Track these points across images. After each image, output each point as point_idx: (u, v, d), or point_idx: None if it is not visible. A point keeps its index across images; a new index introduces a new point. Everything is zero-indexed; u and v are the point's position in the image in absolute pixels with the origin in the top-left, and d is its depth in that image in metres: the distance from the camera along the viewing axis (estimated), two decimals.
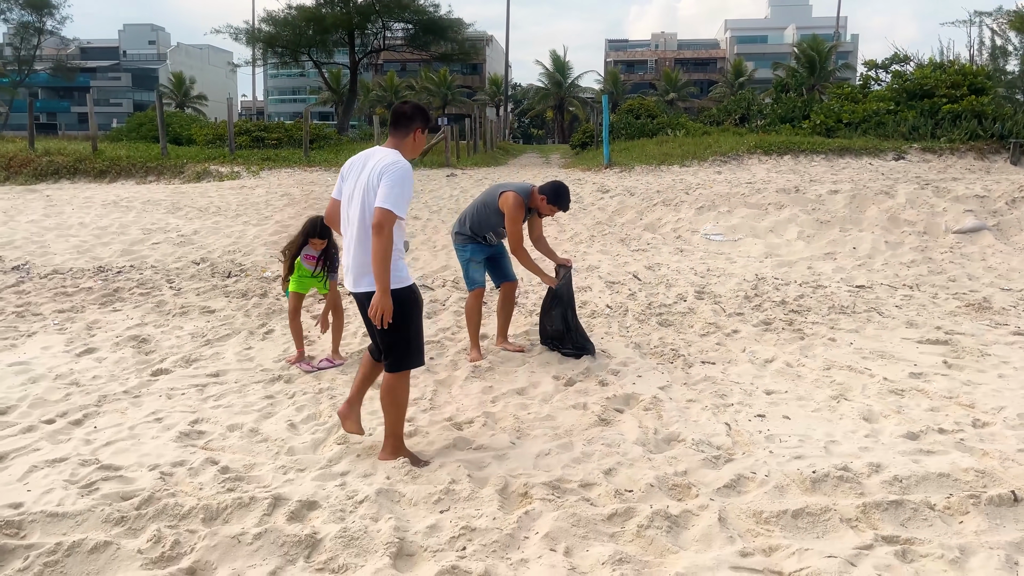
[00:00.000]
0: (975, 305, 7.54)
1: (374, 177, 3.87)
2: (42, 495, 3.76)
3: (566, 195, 5.87)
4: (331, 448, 4.39)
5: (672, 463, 4.13)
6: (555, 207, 5.86)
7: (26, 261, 9.61)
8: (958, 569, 3.13)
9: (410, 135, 4.09)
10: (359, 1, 38.74)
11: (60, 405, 5.01)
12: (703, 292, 8.18)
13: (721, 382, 5.47)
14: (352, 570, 3.14)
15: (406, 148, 4.09)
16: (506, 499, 3.74)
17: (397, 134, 4.10)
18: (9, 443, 4.41)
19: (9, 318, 7.16)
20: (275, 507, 3.61)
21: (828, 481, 3.86)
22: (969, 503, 3.61)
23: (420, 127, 4.10)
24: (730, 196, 12.57)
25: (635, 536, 3.39)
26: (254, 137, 24.64)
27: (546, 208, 5.86)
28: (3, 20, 63.47)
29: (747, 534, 3.43)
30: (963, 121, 19.19)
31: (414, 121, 4.09)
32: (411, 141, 4.10)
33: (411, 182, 3.90)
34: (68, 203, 13.90)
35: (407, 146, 4.09)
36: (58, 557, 3.19)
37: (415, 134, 4.10)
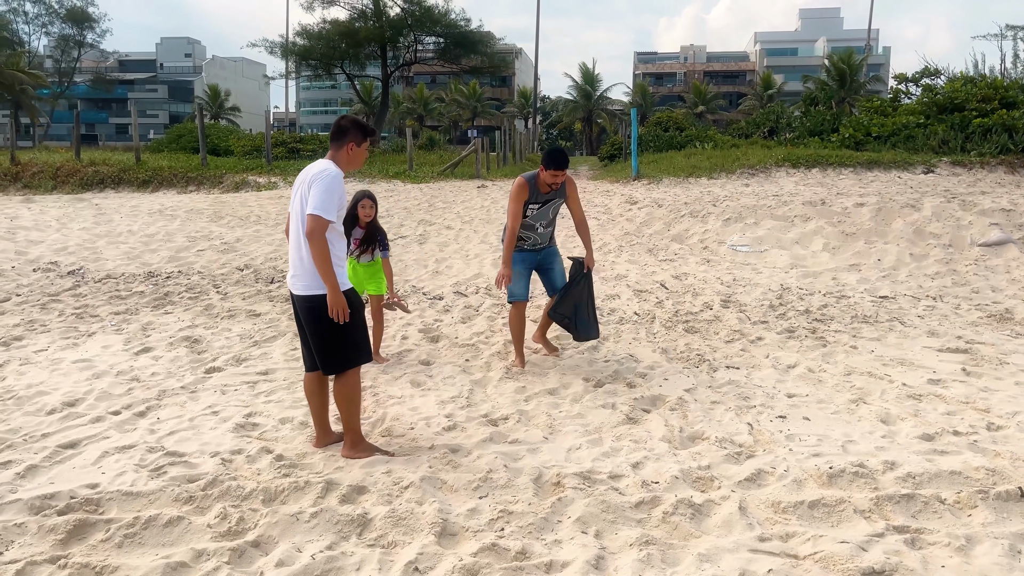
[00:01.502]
0: (997, 316, 7.70)
1: (306, 187, 4.14)
2: (115, 477, 4.12)
3: (550, 154, 5.69)
4: (376, 440, 4.70)
5: (696, 458, 4.39)
6: (547, 169, 5.67)
7: (80, 266, 10.12)
8: (963, 556, 3.36)
9: (343, 148, 4.26)
10: (392, 15, 39.44)
11: (124, 398, 5.39)
12: (729, 301, 8.41)
13: (744, 386, 5.71)
14: (401, 546, 3.44)
15: (341, 160, 4.28)
16: (540, 487, 4.03)
17: (333, 146, 4.31)
18: (81, 431, 4.78)
19: (69, 319, 7.60)
20: (328, 491, 3.93)
21: (844, 476, 4.10)
22: (978, 498, 3.83)
23: (353, 141, 4.25)
24: (757, 208, 12.77)
25: (661, 522, 3.66)
26: (290, 148, 25.29)
27: (547, 176, 5.70)
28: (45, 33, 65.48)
29: (766, 522, 3.68)
30: (993, 135, 19.14)
31: (347, 135, 4.27)
32: (345, 153, 4.27)
33: (340, 188, 4.11)
34: (116, 211, 14.48)
35: (342, 158, 4.28)
36: (136, 529, 3.53)
37: (349, 147, 4.26)
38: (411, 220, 13.73)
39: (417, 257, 10.96)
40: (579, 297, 6.01)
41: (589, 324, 6.05)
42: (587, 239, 6.15)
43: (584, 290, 6.03)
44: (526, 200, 5.75)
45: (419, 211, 14.65)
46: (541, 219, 5.89)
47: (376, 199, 6.26)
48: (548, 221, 5.96)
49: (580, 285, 6.01)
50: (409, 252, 11.32)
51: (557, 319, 6.07)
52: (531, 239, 5.95)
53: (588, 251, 6.11)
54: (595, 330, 6.12)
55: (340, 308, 4.09)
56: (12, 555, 3.35)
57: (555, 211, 5.98)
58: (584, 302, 6.02)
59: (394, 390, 5.64)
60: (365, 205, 6.11)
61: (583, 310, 6.01)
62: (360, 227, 6.16)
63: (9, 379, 5.82)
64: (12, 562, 3.27)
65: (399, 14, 39.61)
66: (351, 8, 40.47)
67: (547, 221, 5.94)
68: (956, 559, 3.33)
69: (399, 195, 16.67)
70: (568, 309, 6.01)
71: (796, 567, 3.25)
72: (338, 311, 4.08)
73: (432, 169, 22.29)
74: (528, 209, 5.80)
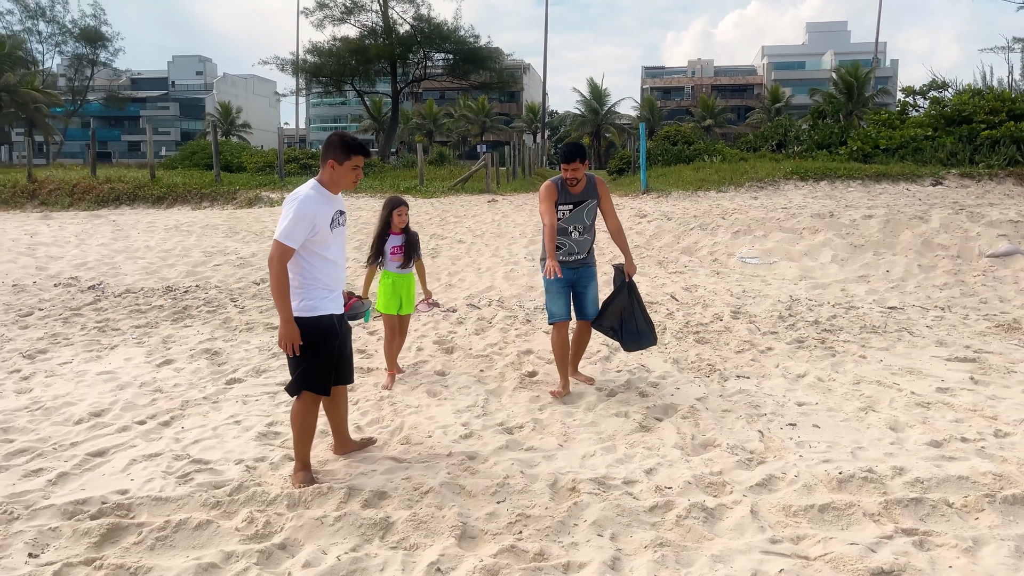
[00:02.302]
0: (1005, 326, 7.77)
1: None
2: (144, 483, 4.25)
3: (564, 148, 5.66)
4: (395, 448, 4.82)
5: (708, 464, 4.50)
6: (566, 164, 5.59)
7: (100, 281, 10.31)
8: (970, 556, 3.45)
9: (325, 166, 4.13)
10: (401, 32, 39.85)
11: (148, 409, 5.54)
12: (739, 312, 8.51)
13: (755, 394, 5.80)
14: (422, 548, 3.56)
15: (324, 179, 4.14)
16: (556, 492, 4.14)
17: (322, 165, 4.18)
18: (108, 440, 4.93)
19: (92, 332, 7.76)
20: (350, 496, 4.05)
21: (853, 481, 4.19)
22: (985, 501, 3.92)
23: (333, 158, 4.08)
24: (765, 221, 12.88)
25: (674, 525, 3.76)
26: (301, 164, 25.58)
27: (567, 174, 5.61)
28: (59, 52, 66.37)
29: (777, 525, 3.77)
30: (1002, 147, 19.21)
31: (327, 153, 4.12)
32: (328, 172, 4.12)
33: (309, 212, 3.94)
34: (133, 227, 14.71)
35: (324, 177, 4.14)
36: (167, 533, 3.66)
37: (329, 165, 4.10)
38: (423, 234, 13.89)
39: (430, 270, 11.11)
40: (624, 306, 5.77)
41: (640, 332, 5.78)
42: (624, 246, 5.94)
43: (630, 299, 5.79)
44: (556, 200, 5.63)
45: (431, 225, 14.82)
46: (575, 222, 5.71)
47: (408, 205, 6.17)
48: (584, 227, 5.74)
49: (624, 295, 5.78)
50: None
51: (602, 330, 5.85)
52: (566, 246, 5.74)
53: (627, 258, 5.90)
54: (650, 336, 5.85)
55: (290, 340, 3.98)
56: (48, 557, 3.48)
57: (590, 216, 5.77)
58: (632, 311, 5.78)
59: (411, 399, 5.76)
60: (402, 212, 6.03)
61: (632, 320, 5.76)
62: (394, 233, 6.05)
63: (36, 390, 5.97)
64: (49, 564, 3.41)
65: (409, 31, 40.03)
66: (361, 26, 40.93)
67: (582, 226, 5.74)
68: (963, 560, 3.42)
69: (411, 210, 16.84)
70: (613, 319, 5.78)
71: (807, 567, 3.34)
72: (288, 343, 3.99)
73: (443, 184, 22.49)
74: (560, 211, 5.66)
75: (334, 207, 4.18)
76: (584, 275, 5.85)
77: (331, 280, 4.18)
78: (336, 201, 4.22)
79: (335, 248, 4.20)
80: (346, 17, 40.71)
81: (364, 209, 17.37)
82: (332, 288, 4.20)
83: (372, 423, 5.28)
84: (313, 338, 4.08)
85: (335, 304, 4.21)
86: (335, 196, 4.21)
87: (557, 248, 5.70)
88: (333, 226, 4.16)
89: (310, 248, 4.06)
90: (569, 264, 5.79)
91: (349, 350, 4.46)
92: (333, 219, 4.16)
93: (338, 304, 4.26)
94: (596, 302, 5.91)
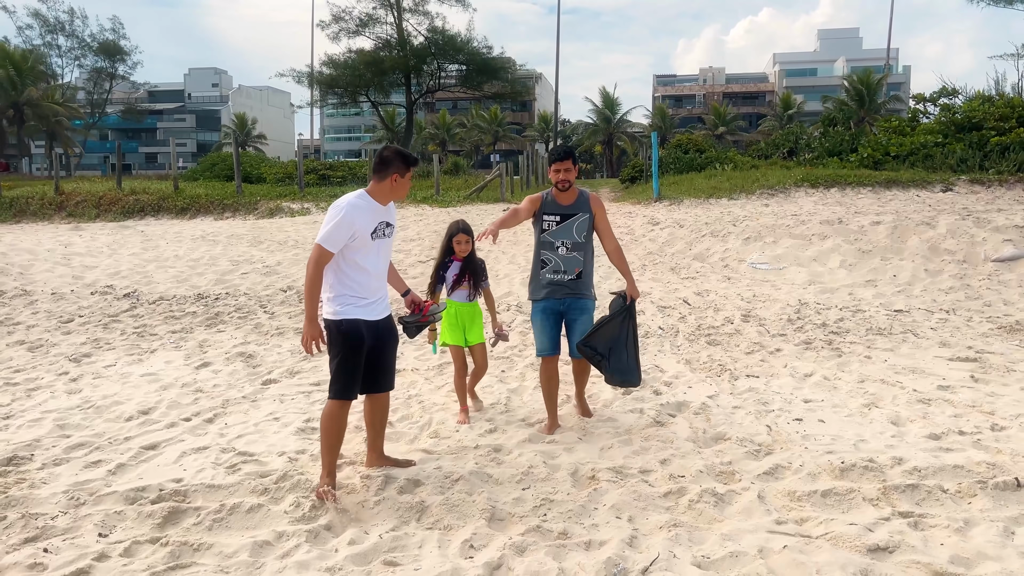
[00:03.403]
0: (1007, 327, 8.03)
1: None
2: (196, 473, 4.61)
3: (554, 148, 5.27)
4: (425, 441, 5.16)
5: (719, 455, 4.81)
6: (558, 163, 5.14)
7: (134, 289, 10.75)
8: (961, 536, 3.74)
9: (387, 179, 4.22)
10: (416, 44, 40.44)
11: (192, 407, 5.91)
12: (749, 315, 8.81)
13: (764, 392, 6.11)
14: (456, 529, 3.89)
15: (383, 191, 4.23)
16: (577, 480, 4.46)
17: (375, 177, 4.27)
18: (158, 435, 5.30)
19: (131, 337, 8.16)
20: (387, 483, 4.40)
21: (855, 470, 4.49)
22: (977, 487, 4.21)
23: (397, 172, 4.20)
24: (776, 227, 13.17)
25: (687, 508, 4.08)
26: (320, 175, 26.10)
27: (559, 174, 5.14)
28: (78, 66, 67.48)
29: (782, 508, 4.08)
30: (1012, 153, 19.39)
31: (390, 166, 4.22)
32: (389, 184, 4.23)
33: (350, 219, 4.07)
34: (161, 237, 15.19)
35: (384, 188, 4.23)
36: (223, 515, 4.01)
37: (393, 179, 4.21)
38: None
39: None
40: (616, 333, 5.18)
41: (628, 368, 5.21)
42: (624, 268, 5.38)
43: (624, 328, 5.20)
44: (540, 211, 5.19)
45: None
46: (563, 236, 5.14)
47: (472, 232, 5.65)
48: (573, 242, 5.15)
49: (619, 320, 5.19)
50: None
51: (586, 353, 5.17)
52: (552, 262, 5.16)
53: (628, 281, 5.35)
54: (635, 376, 5.28)
55: (311, 338, 4.12)
56: (117, 537, 3.84)
57: (581, 231, 5.16)
58: (624, 342, 5.19)
59: (437, 398, 6.10)
60: (460, 240, 5.57)
61: (623, 351, 5.19)
62: (456, 260, 5.63)
63: (85, 391, 6.36)
64: (118, 542, 3.76)
65: (423, 43, 40.61)
66: (376, 38, 41.57)
67: (571, 242, 5.14)
68: (954, 538, 3.71)
69: (428, 219, 17.25)
70: (601, 345, 5.15)
71: (809, 544, 3.65)
72: (309, 341, 4.13)
73: (458, 193, 22.89)
74: (545, 222, 5.17)
75: (380, 217, 4.27)
76: (574, 306, 5.21)
77: (364, 289, 4.25)
78: (383, 212, 4.30)
79: (373, 257, 4.27)
80: (361, 30, 41.43)
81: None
82: (364, 296, 4.26)
83: (402, 419, 5.62)
84: (335, 341, 4.23)
85: (367, 311, 4.25)
86: (383, 207, 4.30)
87: (543, 264, 5.22)
88: (376, 236, 4.26)
89: (347, 255, 4.16)
90: (556, 289, 5.19)
91: (388, 358, 4.47)
92: (377, 229, 4.25)
93: (371, 312, 4.27)
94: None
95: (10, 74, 51.83)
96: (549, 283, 5.20)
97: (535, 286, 5.30)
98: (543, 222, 5.20)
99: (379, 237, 4.29)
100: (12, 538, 3.81)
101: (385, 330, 4.41)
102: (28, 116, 54.20)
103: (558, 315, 5.23)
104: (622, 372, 5.21)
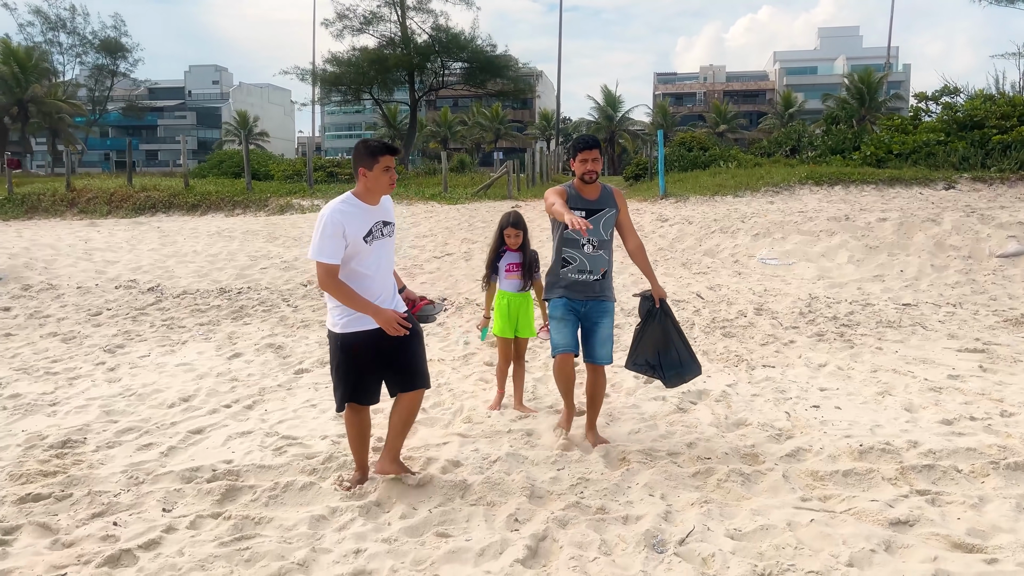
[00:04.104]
0: (1013, 320, 8.27)
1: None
2: (245, 455, 4.84)
3: (579, 137, 4.94)
4: (459, 426, 5.39)
5: (742, 439, 5.04)
6: (585, 152, 4.81)
7: (157, 283, 10.98)
8: (976, 511, 3.97)
9: (357, 176, 4.02)
10: (419, 42, 40.58)
11: (230, 395, 6.13)
12: (761, 309, 9.05)
13: (780, 381, 6.34)
14: (498, 505, 4.12)
15: (360, 189, 4.02)
16: (609, 461, 4.69)
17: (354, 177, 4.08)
18: (202, 421, 5.53)
19: (160, 329, 8.39)
20: (429, 464, 4.63)
21: (873, 452, 4.72)
22: (990, 468, 4.45)
23: (363, 166, 3.96)
24: (783, 224, 13.40)
25: (716, 487, 4.31)
26: (328, 172, 26.33)
27: (578, 167, 4.83)
28: (79, 63, 67.65)
29: (806, 487, 4.31)
30: (1013, 151, 19.62)
31: (356, 164, 4.01)
32: (361, 181, 4.00)
33: (331, 225, 3.85)
34: (178, 233, 15.42)
35: (360, 187, 4.02)
36: (277, 492, 4.24)
37: (360, 173, 3.99)
38: (454, 239, 14.49)
39: (465, 272, 11.69)
40: (658, 336, 4.97)
41: (682, 362, 4.98)
42: (647, 267, 5.09)
43: (664, 326, 4.97)
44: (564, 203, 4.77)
45: (460, 230, 15.41)
46: (590, 234, 4.82)
47: (523, 223, 5.64)
48: (599, 241, 4.86)
49: (655, 324, 4.97)
50: (457, 268, 12.07)
51: (638, 370, 5.07)
52: (577, 261, 4.85)
53: (652, 282, 5.07)
54: (693, 366, 5.03)
55: (389, 322, 3.92)
56: (180, 511, 4.07)
57: (607, 228, 4.90)
58: (668, 339, 4.97)
59: (466, 386, 6.34)
60: (510, 234, 5.58)
61: (672, 349, 4.97)
62: (510, 250, 5.63)
63: (125, 379, 6.59)
64: (182, 516, 3.99)
65: (427, 41, 40.75)
66: (380, 36, 41.71)
67: (598, 240, 4.85)
68: (970, 513, 3.95)
69: (439, 216, 17.47)
70: (649, 355, 4.98)
71: (834, 519, 3.88)
72: (390, 325, 3.93)
73: (465, 191, 23.11)
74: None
75: (372, 218, 4.03)
76: (596, 309, 4.92)
77: (366, 294, 4.01)
78: (375, 212, 4.06)
79: (371, 260, 4.04)
80: (365, 28, 41.51)
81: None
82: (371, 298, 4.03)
83: (434, 406, 5.85)
84: (334, 354, 4.14)
85: (364, 321, 4.01)
86: (373, 207, 4.04)
87: (565, 263, 4.89)
88: (371, 238, 4.02)
89: (344, 263, 3.96)
90: (579, 290, 4.89)
91: (408, 357, 4.17)
92: (371, 231, 4.02)
93: (368, 321, 4.00)
94: (609, 342, 4.97)
95: (14, 71, 51.97)
96: (573, 282, 4.87)
97: (553, 283, 4.97)
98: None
99: (375, 239, 4.06)
100: (80, 513, 4.04)
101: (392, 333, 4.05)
102: (32, 113, 54.36)
103: (578, 316, 4.93)
104: (678, 369, 4.98)
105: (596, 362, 4.95)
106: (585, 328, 4.93)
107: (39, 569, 3.46)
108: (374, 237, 4.03)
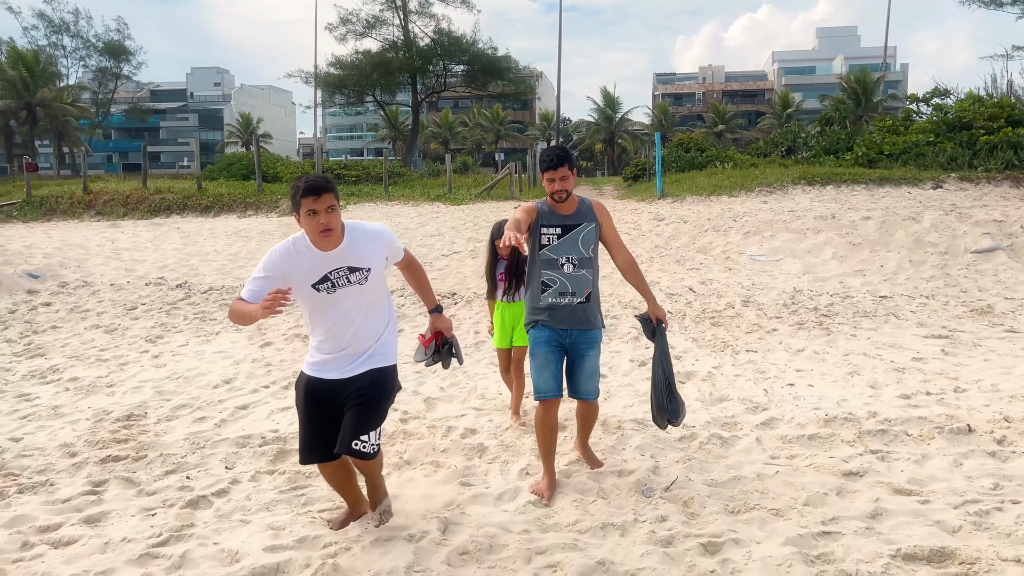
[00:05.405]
0: (979, 310, 8.98)
1: None
2: (289, 425, 5.54)
3: (545, 153, 4.35)
4: (474, 401, 6.11)
5: (723, 411, 5.75)
6: (551, 171, 4.27)
7: (184, 280, 11.69)
8: (918, 465, 4.68)
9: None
10: (422, 45, 41.37)
11: (267, 378, 6.84)
12: (748, 301, 9.76)
13: (761, 364, 7.04)
14: (512, 462, 4.83)
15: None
16: (606, 428, 5.40)
17: None
18: (246, 399, 6.23)
19: (194, 322, 9.10)
20: (449, 431, 5.35)
21: (836, 420, 5.43)
22: (935, 432, 5.15)
23: (296, 213, 3.42)
24: (773, 223, 14.11)
25: (698, 448, 5.02)
26: (336, 174, 27.09)
27: (554, 184, 4.29)
28: (83, 66, 68.38)
29: (775, 448, 5.02)
30: (999, 151, 20.33)
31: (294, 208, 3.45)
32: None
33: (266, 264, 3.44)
34: (197, 233, 16.16)
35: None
36: None
37: (296, 220, 3.47)
38: (460, 238, 15.20)
39: (472, 269, 12.40)
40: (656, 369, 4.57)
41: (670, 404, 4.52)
42: (642, 284, 4.59)
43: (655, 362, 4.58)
44: (537, 222, 4.35)
45: (466, 229, 16.12)
46: (567, 252, 4.34)
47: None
48: (580, 258, 4.35)
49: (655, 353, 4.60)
50: (465, 265, 12.78)
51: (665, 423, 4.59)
52: (557, 283, 4.36)
53: (649, 300, 4.58)
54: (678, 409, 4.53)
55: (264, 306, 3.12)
56: (240, 469, 4.78)
57: (588, 244, 4.37)
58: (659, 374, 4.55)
59: (478, 369, 7.05)
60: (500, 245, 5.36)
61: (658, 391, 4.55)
62: (503, 259, 5.58)
63: (169, 365, 7.30)
64: (243, 472, 4.70)
65: (429, 44, 41.53)
66: (383, 39, 42.50)
67: (578, 258, 4.34)
68: (912, 467, 4.65)
69: (444, 216, 18.19)
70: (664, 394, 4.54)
71: (796, 471, 4.59)
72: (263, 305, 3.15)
73: (469, 192, 23.82)
74: (545, 235, 4.34)
75: (328, 265, 3.49)
76: (582, 339, 4.41)
77: (326, 344, 3.62)
78: (331, 258, 3.48)
79: (332, 311, 3.55)
80: (368, 31, 42.34)
81: (400, 216, 18.69)
82: (326, 352, 3.64)
83: (451, 385, 6.56)
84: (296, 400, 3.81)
85: (320, 369, 3.66)
86: (327, 252, 3.47)
87: (544, 287, 4.38)
88: (329, 287, 3.50)
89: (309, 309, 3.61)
90: (561, 319, 4.38)
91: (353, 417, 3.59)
92: (327, 279, 3.49)
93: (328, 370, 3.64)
94: (595, 375, 4.52)
95: (23, 75, 52.72)
96: (555, 307, 4.36)
97: (533, 309, 4.45)
98: (541, 236, 4.35)
99: (339, 287, 3.52)
100: (156, 470, 4.76)
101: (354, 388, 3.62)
102: (40, 116, 55.12)
103: (562, 349, 4.42)
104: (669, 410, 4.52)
105: (582, 398, 4.54)
106: (570, 359, 4.46)
107: (132, 511, 4.17)
108: (335, 286, 3.52)
